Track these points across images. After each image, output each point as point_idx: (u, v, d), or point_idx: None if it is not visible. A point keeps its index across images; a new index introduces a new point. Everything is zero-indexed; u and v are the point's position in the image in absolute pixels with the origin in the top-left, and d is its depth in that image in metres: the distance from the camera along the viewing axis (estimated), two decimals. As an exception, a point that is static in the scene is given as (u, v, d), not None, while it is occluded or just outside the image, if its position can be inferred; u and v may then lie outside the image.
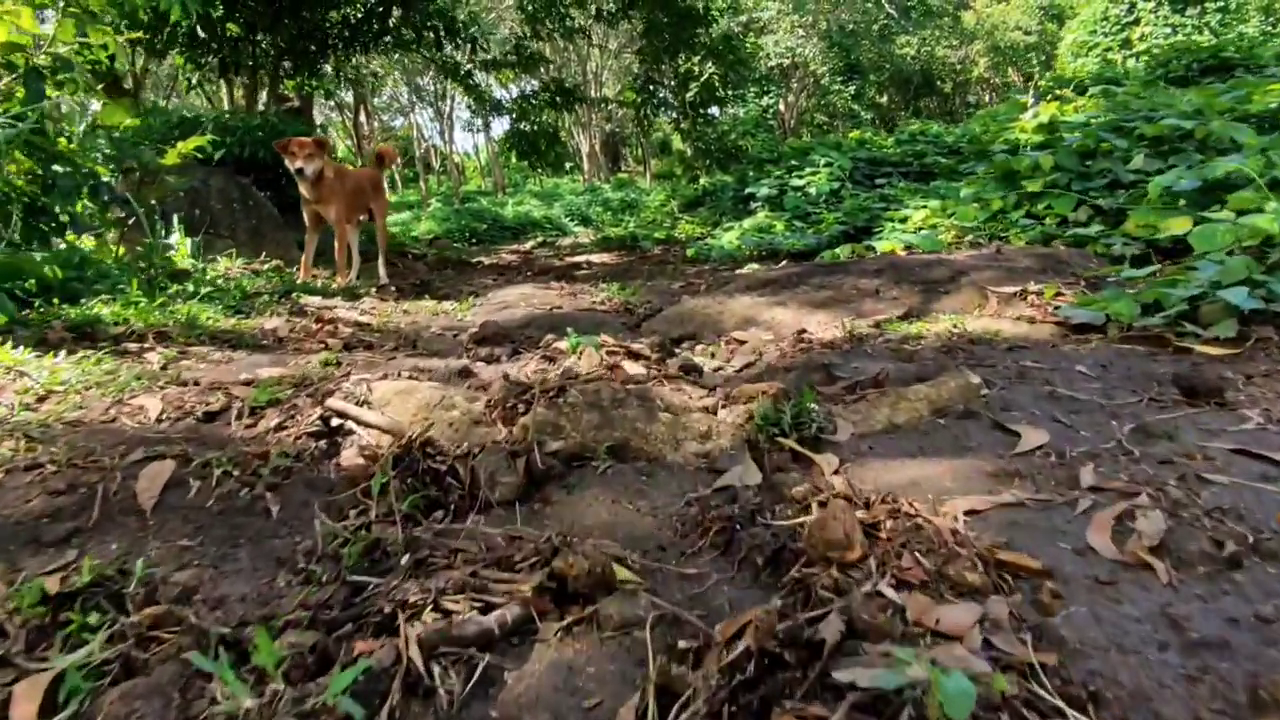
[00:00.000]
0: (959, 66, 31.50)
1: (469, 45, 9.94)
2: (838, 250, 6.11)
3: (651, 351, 3.05)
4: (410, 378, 2.43)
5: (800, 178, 11.09)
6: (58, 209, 4.58)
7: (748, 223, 9.85)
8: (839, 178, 10.83)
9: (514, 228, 18.85)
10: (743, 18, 23.44)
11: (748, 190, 11.52)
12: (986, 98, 35.56)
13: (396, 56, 21.14)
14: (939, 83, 34.61)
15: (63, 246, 4.92)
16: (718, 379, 2.54)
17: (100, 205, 5.11)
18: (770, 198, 11.20)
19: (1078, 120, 7.36)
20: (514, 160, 31.46)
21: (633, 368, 2.64)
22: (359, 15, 9.30)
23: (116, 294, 3.80)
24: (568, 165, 29.10)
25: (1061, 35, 26.48)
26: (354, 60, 11.85)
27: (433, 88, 25.19)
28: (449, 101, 26.11)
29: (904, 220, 7.62)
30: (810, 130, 28.10)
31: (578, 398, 2.07)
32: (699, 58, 11.51)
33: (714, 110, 13.21)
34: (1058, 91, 9.38)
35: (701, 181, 13.29)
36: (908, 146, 11.86)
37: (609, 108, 28.63)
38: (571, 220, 20.83)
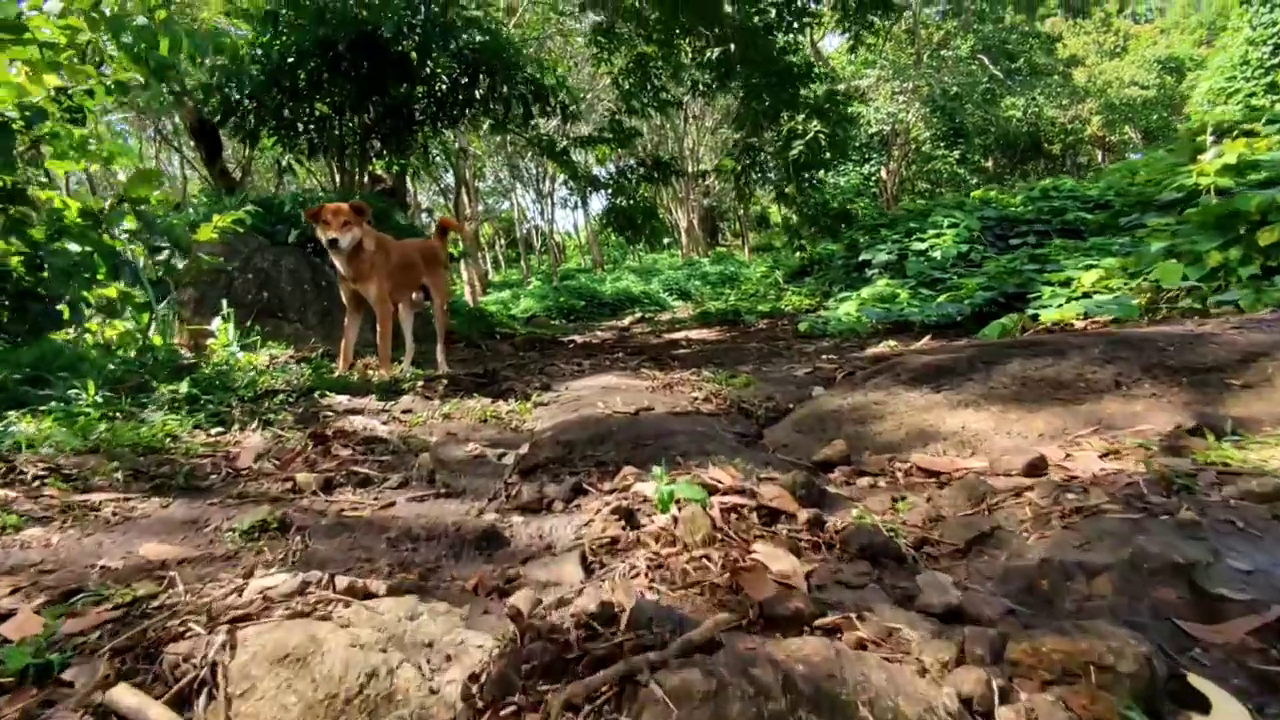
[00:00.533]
0: (1069, 126, 29.47)
1: (559, 112, 9.13)
2: (1003, 321, 4.69)
3: (794, 499, 1.77)
4: (346, 594, 1.22)
5: (922, 241, 9.69)
6: (57, 293, 3.74)
7: (866, 292, 8.50)
8: (967, 239, 9.38)
9: (612, 304, 18.06)
10: (841, 86, 22.45)
11: (861, 257, 10.18)
12: (1098, 156, 33.23)
13: (497, 140, 21.00)
14: (1046, 144, 32.56)
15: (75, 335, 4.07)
16: (946, 589, 1.23)
17: (124, 287, 4.28)
18: (888, 264, 9.83)
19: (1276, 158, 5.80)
20: (612, 237, 31.04)
21: (775, 558, 1.37)
22: (444, 88, 8.65)
23: (77, 400, 2.81)
24: (665, 240, 28.45)
25: (1189, 86, 24.27)
26: (442, 136, 11.29)
27: (534, 169, 25.07)
28: (549, 181, 25.92)
29: (1067, 283, 6.13)
30: (912, 197, 26.55)
31: (666, 712, 0.81)
32: (803, 116, 10.39)
33: (818, 175, 12.00)
34: (1246, 127, 7.72)
35: (809, 249, 12.02)
36: (1042, 203, 10.30)
37: (706, 182, 27.92)
38: (670, 295, 19.92)
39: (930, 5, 24.41)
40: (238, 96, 7.98)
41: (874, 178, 24.43)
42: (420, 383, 3.80)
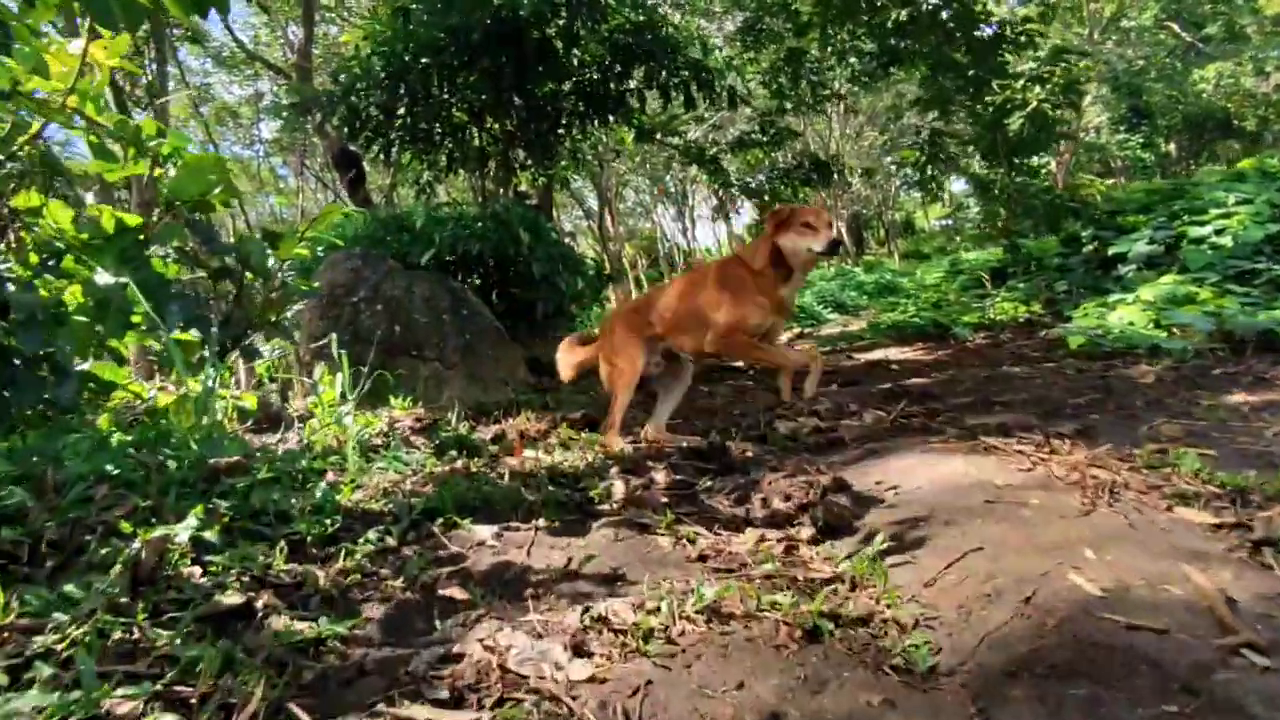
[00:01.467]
0: (1273, 98, 24.87)
1: (726, 97, 7.34)
2: None
3: None
4: None
5: (1200, 225, 7.20)
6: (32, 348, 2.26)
7: (1146, 293, 6.15)
8: (1271, 217, 6.85)
9: (765, 319, 16.11)
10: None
11: (1111, 251, 7.73)
12: (1312, 130, 28.00)
13: (638, 157, 19.53)
14: (1238, 121, 27.77)
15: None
16: None
17: (183, 327, 2.80)
18: (1151, 257, 7.39)
19: None
20: (755, 252, 28.89)
21: None
22: (594, 78, 7.06)
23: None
24: (810, 251, 26.14)
25: None
26: (591, 138, 9.76)
27: (675, 188, 23.49)
28: (691, 197, 24.29)
29: None
30: (1086, 187, 22.98)
31: None
32: (1021, 84, 8.11)
33: (1032, 158, 9.60)
34: None
35: (1023, 247, 9.59)
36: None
37: (852, 189, 25.43)
38: (823, 308, 17.70)
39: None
40: (364, 105, 6.68)
41: (1044, 170, 21.20)
42: (618, 479, 2.04)
